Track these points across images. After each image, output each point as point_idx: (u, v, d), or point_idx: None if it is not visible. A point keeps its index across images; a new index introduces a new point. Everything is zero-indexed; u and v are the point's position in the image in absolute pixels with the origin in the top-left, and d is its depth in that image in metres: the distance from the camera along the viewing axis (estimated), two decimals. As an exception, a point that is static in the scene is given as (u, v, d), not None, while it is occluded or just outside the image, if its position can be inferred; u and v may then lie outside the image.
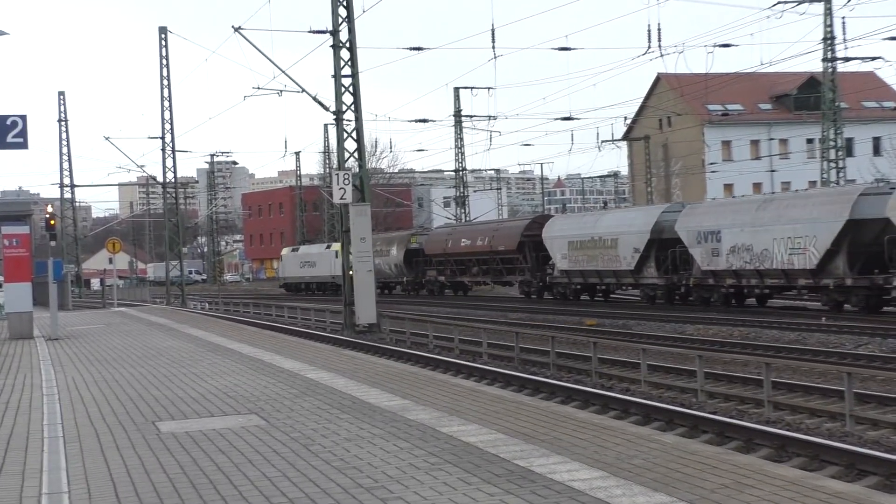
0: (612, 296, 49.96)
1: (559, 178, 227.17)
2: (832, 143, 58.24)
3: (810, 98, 79.14)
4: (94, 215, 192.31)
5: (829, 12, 55.31)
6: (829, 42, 56.16)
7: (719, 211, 39.67)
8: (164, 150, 61.47)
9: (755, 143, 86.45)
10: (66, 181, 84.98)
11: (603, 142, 75.79)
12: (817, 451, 12.65)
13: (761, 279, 36.56)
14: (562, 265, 48.79)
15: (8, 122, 18.19)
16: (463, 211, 79.12)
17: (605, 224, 46.98)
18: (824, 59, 56.93)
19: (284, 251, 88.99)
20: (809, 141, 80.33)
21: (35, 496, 8.36)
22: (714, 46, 49.55)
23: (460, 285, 63.18)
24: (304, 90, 37.40)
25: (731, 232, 37.26)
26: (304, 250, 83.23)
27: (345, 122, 35.46)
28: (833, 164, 57.79)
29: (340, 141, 35.70)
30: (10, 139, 18.44)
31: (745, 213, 37.65)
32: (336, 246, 75.46)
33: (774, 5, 50.34)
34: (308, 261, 79.51)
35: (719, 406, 17.53)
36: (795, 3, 51.43)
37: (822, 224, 33.26)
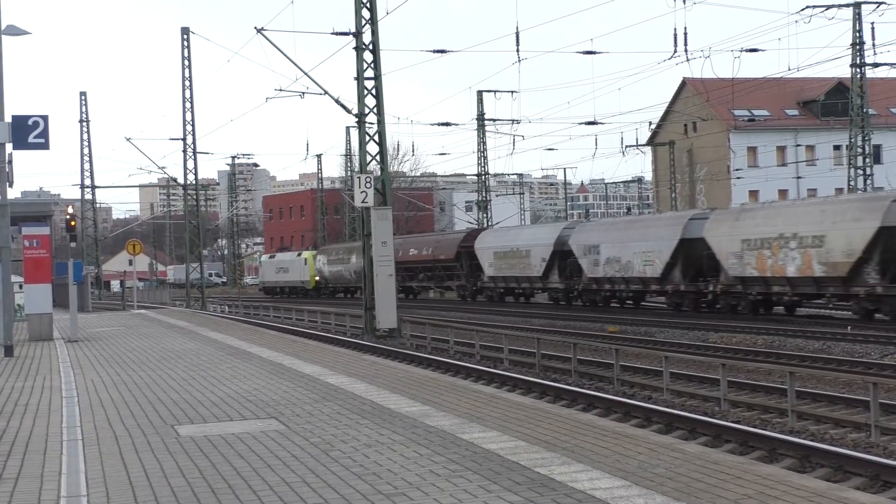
0: (532, 299, 57.26)
1: (583, 184, 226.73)
2: (860, 150, 58.03)
3: (838, 104, 78.72)
4: (114, 217, 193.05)
5: (858, 17, 55.09)
6: (857, 47, 55.93)
7: (600, 229, 48.70)
8: (185, 151, 61.70)
9: (781, 149, 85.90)
10: (87, 182, 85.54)
11: (627, 147, 75.53)
12: (842, 461, 12.51)
13: (627, 285, 44.89)
14: (489, 272, 56.86)
15: (29, 123, 18.21)
16: (485, 215, 78.95)
17: (522, 238, 55.21)
18: (853, 65, 56.71)
19: (263, 258, 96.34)
20: (837, 147, 79.91)
21: (53, 499, 8.33)
22: (741, 51, 49.29)
23: (410, 289, 68.96)
24: (326, 92, 37.39)
25: (607, 246, 45.51)
26: (280, 257, 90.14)
27: (367, 124, 35.41)
28: (860, 171, 57.56)
29: (362, 144, 35.66)
30: (31, 139, 18.45)
31: (616, 231, 46.45)
32: (306, 254, 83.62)
33: (803, 10, 50.13)
34: (283, 267, 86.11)
35: (742, 415, 17.40)
36: (824, 8, 51.21)
37: (664, 242, 41.56)
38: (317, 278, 79.53)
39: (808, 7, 50.52)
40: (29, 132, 19.69)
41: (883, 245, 31.53)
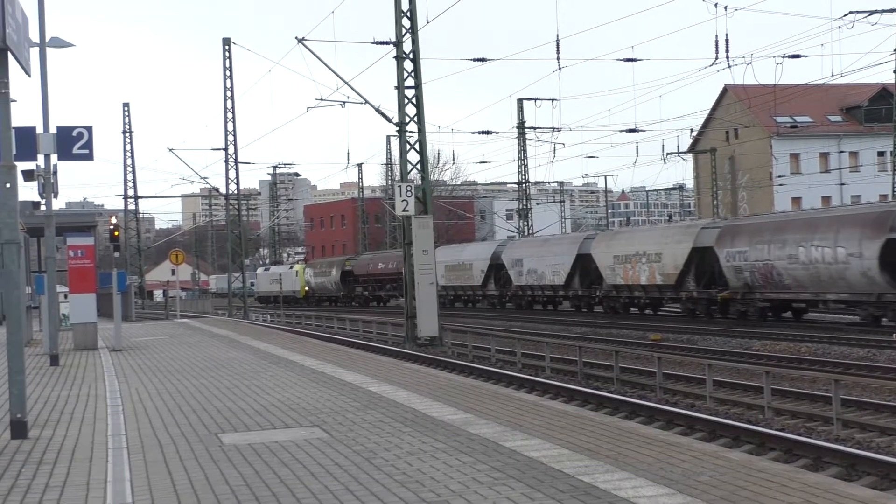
0: (477, 305, 67.40)
1: (623, 191, 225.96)
2: (904, 156, 57.51)
3: (882, 110, 78.03)
4: (157, 226, 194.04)
5: (901, 23, 54.62)
6: (901, 53, 55.37)
7: (523, 245, 60.30)
8: (227, 161, 61.99)
9: (824, 155, 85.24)
10: (130, 192, 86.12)
11: (668, 154, 75.10)
12: (889, 470, 12.39)
13: (542, 291, 55.82)
14: (441, 282, 64.71)
15: (74, 134, 18.34)
16: (526, 224, 78.80)
17: (466, 253, 67.10)
18: (896, 71, 56.17)
19: (259, 270, 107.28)
20: (881, 154, 79.25)
21: (98, 507, 8.39)
22: (783, 57, 48.87)
23: (380, 298, 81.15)
24: (366, 101, 37.55)
25: (528, 260, 56.54)
26: (274, 270, 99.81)
27: (407, 133, 35.51)
28: (905, 178, 57.07)
29: (403, 153, 35.75)
30: (75, 150, 18.58)
31: (534, 247, 57.28)
32: (297, 267, 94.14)
33: (846, 15, 49.63)
34: (276, 278, 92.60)
35: (787, 423, 17.27)
36: (867, 13, 50.68)
37: (566, 256, 52.58)
38: (306, 288, 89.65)
39: (851, 12, 50.02)
40: (73, 143, 19.85)
41: (696, 261, 41.92)
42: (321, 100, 40.88)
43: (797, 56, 50.36)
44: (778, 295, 37.32)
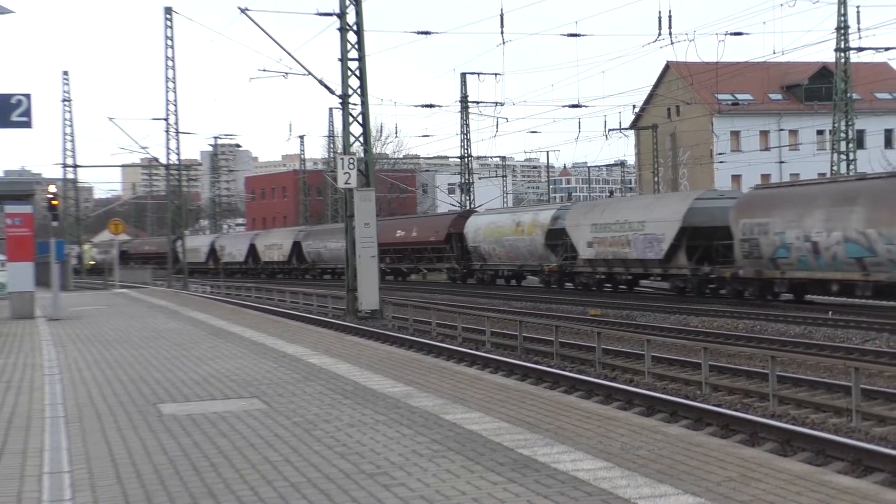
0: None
1: (565, 167, 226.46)
2: (843, 135, 57.94)
3: (822, 88, 78.66)
4: (96, 196, 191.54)
5: (843, 1, 54.91)
6: (842, 31, 55.76)
7: (270, 234, 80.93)
8: (167, 131, 61.39)
9: (765, 133, 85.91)
10: (69, 161, 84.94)
11: (610, 130, 75.53)
12: (823, 446, 12.57)
13: (274, 265, 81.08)
14: (224, 259, 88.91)
15: (12, 101, 18.11)
16: (468, 198, 78.83)
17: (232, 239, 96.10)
18: (837, 49, 56.57)
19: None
20: (820, 132, 79.94)
21: (36, 475, 8.34)
22: (725, 34, 49.13)
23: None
24: (309, 73, 37.27)
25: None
26: (66, 249, 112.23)
27: (350, 105, 35.34)
28: (843, 157, 57.49)
29: (346, 125, 35.60)
30: (14, 118, 18.36)
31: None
32: (86, 246, 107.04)
33: (788, -7, 49.90)
34: (72, 255, 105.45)
35: (724, 399, 17.45)
36: (810, -8, 50.99)
37: (288, 241, 78.99)
38: (93, 262, 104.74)
39: (793, -10, 50.32)
40: (12, 111, 19.60)
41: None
42: (264, 70, 40.55)
43: (739, 34, 50.66)
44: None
